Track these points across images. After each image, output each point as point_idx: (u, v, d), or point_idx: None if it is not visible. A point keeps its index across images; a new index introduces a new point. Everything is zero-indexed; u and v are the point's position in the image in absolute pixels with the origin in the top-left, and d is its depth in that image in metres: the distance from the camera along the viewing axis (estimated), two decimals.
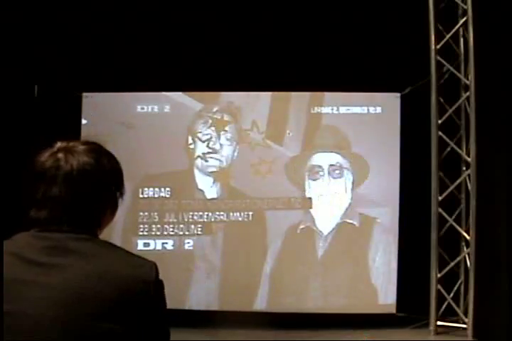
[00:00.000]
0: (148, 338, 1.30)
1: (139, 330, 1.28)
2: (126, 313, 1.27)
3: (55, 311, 1.24)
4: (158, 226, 5.29)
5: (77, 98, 5.33)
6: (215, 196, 5.33)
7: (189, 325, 4.98)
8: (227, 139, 5.34)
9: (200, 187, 5.33)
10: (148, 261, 1.38)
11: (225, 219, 5.31)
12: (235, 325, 4.96)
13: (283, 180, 5.28)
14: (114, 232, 5.22)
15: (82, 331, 1.24)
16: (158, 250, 5.25)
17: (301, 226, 5.26)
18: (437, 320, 4.93)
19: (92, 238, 1.36)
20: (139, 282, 1.31)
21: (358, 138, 5.30)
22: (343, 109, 5.35)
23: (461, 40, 5.07)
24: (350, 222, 5.25)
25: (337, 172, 5.28)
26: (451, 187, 4.96)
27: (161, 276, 1.38)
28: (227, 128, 5.36)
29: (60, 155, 1.38)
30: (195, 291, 5.27)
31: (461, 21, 4.95)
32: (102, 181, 1.40)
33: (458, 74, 5.01)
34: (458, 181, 4.97)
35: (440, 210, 4.94)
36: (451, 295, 4.99)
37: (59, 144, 1.42)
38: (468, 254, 4.87)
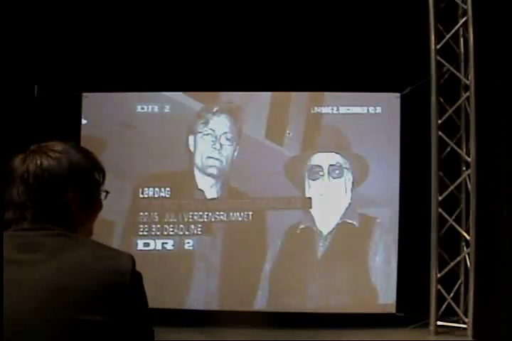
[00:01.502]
0: (129, 330, 1.29)
1: (120, 322, 1.27)
2: (104, 305, 1.27)
3: (31, 307, 1.24)
4: (158, 226, 5.29)
5: (77, 98, 5.33)
6: (215, 196, 5.33)
7: (189, 324, 4.99)
8: (227, 139, 5.34)
9: (200, 187, 5.33)
10: (124, 253, 1.36)
11: (224, 219, 5.31)
12: (235, 324, 4.97)
13: (283, 180, 5.28)
14: (114, 232, 5.23)
15: (60, 324, 1.23)
16: (158, 250, 5.25)
17: (301, 226, 5.26)
18: (437, 320, 4.94)
19: (66, 233, 1.35)
20: (115, 273, 1.30)
21: (358, 138, 5.30)
22: (343, 109, 5.35)
23: (461, 40, 5.08)
24: (350, 221, 5.25)
25: (337, 172, 5.28)
26: (451, 187, 4.97)
27: (161, 276, 1.37)
28: (227, 128, 5.36)
29: (27, 157, 1.40)
30: (195, 291, 5.27)
31: (461, 21, 4.96)
32: (58, 181, 1.38)
33: (458, 74, 5.01)
34: (458, 181, 4.98)
35: (440, 210, 4.95)
36: (451, 295, 5.00)
37: (32, 147, 1.43)
38: (468, 254, 4.87)
